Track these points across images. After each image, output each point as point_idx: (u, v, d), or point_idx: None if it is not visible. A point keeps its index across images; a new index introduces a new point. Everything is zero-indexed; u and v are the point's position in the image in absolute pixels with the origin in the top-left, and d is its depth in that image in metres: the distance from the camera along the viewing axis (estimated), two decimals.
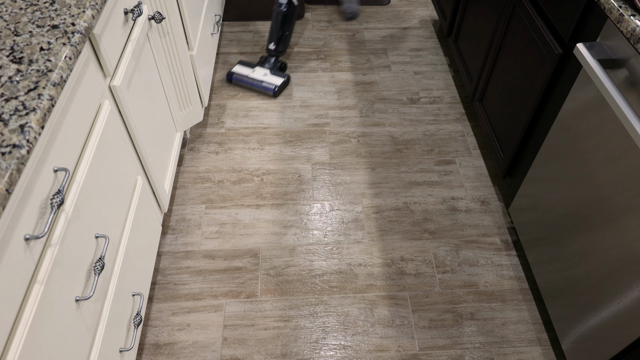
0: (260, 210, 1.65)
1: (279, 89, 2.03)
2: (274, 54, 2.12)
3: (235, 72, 2.08)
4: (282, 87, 2.06)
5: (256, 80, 2.05)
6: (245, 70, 2.09)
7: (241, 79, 2.07)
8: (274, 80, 2.05)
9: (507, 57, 1.52)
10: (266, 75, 2.06)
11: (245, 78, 2.06)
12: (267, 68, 2.09)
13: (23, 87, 0.74)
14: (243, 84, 2.07)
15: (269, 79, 2.05)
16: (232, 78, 2.08)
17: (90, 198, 0.92)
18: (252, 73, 2.07)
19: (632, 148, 0.96)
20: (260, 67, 2.10)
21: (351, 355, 1.32)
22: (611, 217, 1.03)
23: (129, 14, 1.16)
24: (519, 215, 1.47)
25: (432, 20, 2.52)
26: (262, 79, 2.05)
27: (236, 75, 2.08)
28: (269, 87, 2.03)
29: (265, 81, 2.04)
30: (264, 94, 2.05)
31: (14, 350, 0.68)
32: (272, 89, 2.02)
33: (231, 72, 2.08)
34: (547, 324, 1.39)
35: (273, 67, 2.10)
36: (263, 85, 2.03)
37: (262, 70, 2.08)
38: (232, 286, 1.45)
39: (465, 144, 1.89)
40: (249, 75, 2.06)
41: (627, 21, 0.93)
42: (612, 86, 0.94)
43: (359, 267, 1.51)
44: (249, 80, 2.05)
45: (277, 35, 2.10)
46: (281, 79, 2.06)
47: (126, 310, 1.10)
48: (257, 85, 2.04)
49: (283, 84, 2.05)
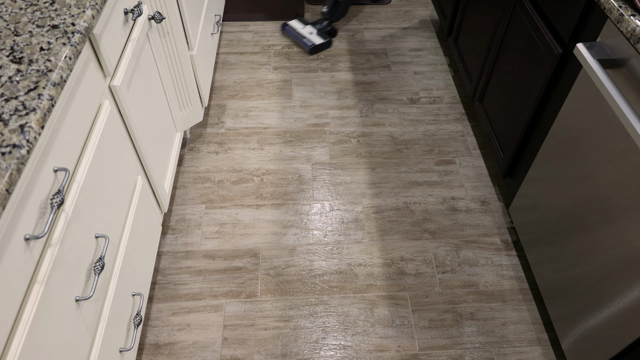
0: (260, 210, 1.65)
1: (315, 48, 2.21)
2: (327, 17, 2.29)
3: (289, 24, 2.33)
4: (320, 48, 2.23)
5: (300, 35, 2.26)
6: (298, 25, 2.32)
7: (290, 31, 2.31)
8: (315, 39, 2.23)
9: (507, 57, 1.52)
10: (312, 34, 2.26)
11: (294, 31, 2.30)
12: (317, 28, 2.28)
13: (23, 87, 0.74)
14: (290, 35, 2.31)
15: (312, 37, 2.24)
16: (284, 28, 2.33)
17: (90, 198, 0.92)
18: (302, 29, 2.29)
19: (632, 148, 0.96)
20: (312, 26, 2.31)
21: (351, 355, 1.32)
22: (611, 217, 1.03)
23: (129, 14, 1.16)
24: (519, 215, 1.47)
25: (432, 20, 2.52)
26: (305, 35, 2.25)
27: (288, 28, 2.32)
28: (307, 43, 2.22)
29: (307, 38, 2.24)
30: (302, 48, 2.27)
31: (14, 350, 0.68)
32: (309, 45, 2.21)
33: (286, 23, 2.33)
34: (547, 324, 1.39)
35: (322, 29, 2.28)
36: (303, 41, 2.23)
37: (310, 29, 2.29)
38: (232, 286, 1.45)
39: (465, 144, 1.89)
40: (297, 29, 2.29)
41: (627, 21, 0.93)
42: (612, 86, 0.94)
43: (359, 267, 1.51)
44: (295, 34, 2.28)
45: (332, 1, 2.27)
46: (322, 40, 2.23)
47: (126, 310, 1.10)
48: (299, 39, 2.25)
49: (322, 45, 2.22)
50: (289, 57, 2.26)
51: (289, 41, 2.34)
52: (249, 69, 2.19)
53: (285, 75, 2.16)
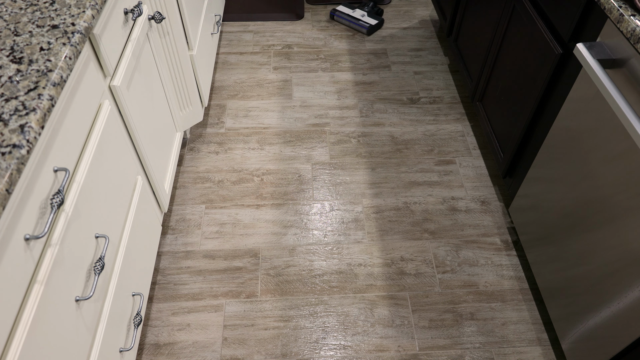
0: (260, 210, 1.65)
1: (372, 28, 2.32)
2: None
3: (338, 10, 2.40)
4: (376, 28, 2.35)
5: (354, 19, 2.34)
6: (347, 9, 2.39)
7: (342, 16, 2.38)
8: (369, 20, 2.33)
9: (507, 57, 1.52)
10: (364, 16, 2.35)
11: (346, 16, 2.37)
12: (366, 10, 2.39)
13: (23, 87, 0.74)
14: (343, 20, 2.38)
15: (366, 19, 2.34)
16: (334, 15, 2.39)
17: (90, 198, 0.92)
18: (353, 13, 2.37)
19: (632, 148, 0.96)
20: (360, 9, 2.40)
21: (351, 355, 1.32)
22: (611, 217, 1.03)
23: (129, 14, 1.16)
24: (519, 215, 1.47)
25: (432, 20, 2.52)
26: (359, 18, 2.34)
27: (339, 13, 2.38)
28: (365, 25, 2.31)
29: (361, 20, 2.33)
30: (358, 31, 2.36)
31: (14, 350, 0.68)
32: (367, 26, 2.31)
33: (335, 10, 2.40)
34: (547, 324, 1.39)
35: (371, 10, 2.39)
36: (359, 23, 2.33)
37: (360, 12, 2.38)
38: (232, 286, 1.45)
39: (465, 144, 1.89)
40: (349, 14, 2.37)
41: (627, 21, 0.93)
42: (612, 86, 0.94)
43: (359, 267, 1.51)
44: (349, 18, 2.36)
45: None
46: (376, 21, 2.33)
47: (126, 310, 1.10)
48: (354, 22, 2.34)
49: (377, 25, 2.33)
50: (289, 57, 2.26)
51: (289, 41, 2.35)
52: (249, 69, 2.19)
53: (285, 75, 2.16)
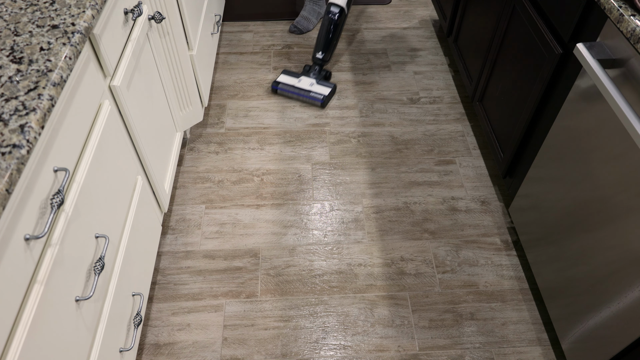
0: (260, 210, 1.65)
1: (326, 99, 1.99)
2: (320, 63, 2.06)
3: (281, 81, 2.04)
4: (330, 97, 2.02)
5: (303, 90, 2.01)
6: (291, 79, 2.05)
7: (287, 89, 2.02)
8: (321, 90, 2.01)
9: (507, 57, 1.52)
10: (313, 85, 2.02)
11: (292, 88, 2.02)
12: (313, 77, 2.06)
13: (23, 87, 0.74)
14: (289, 94, 2.02)
15: (316, 89, 2.01)
16: (277, 88, 2.03)
17: (90, 198, 0.92)
18: (299, 83, 2.03)
19: (632, 148, 0.96)
20: (306, 76, 2.07)
21: (351, 355, 1.32)
22: (611, 217, 1.03)
23: (129, 14, 1.16)
24: (519, 215, 1.47)
25: (432, 20, 2.52)
26: (309, 89, 2.01)
27: (282, 85, 2.03)
28: (317, 97, 1.99)
29: (312, 91, 2.00)
30: (311, 104, 2.02)
31: (14, 350, 0.68)
32: (320, 99, 1.98)
33: (277, 82, 2.04)
34: (547, 324, 1.39)
35: (318, 76, 2.07)
36: (311, 96, 1.99)
37: (308, 80, 2.04)
38: (232, 286, 1.45)
39: (465, 144, 1.89)
40: (295, 85, 2.02)
41: (627, 21, 0.93)
42: (612, 86, 0.94)
43: (359, 267, 1.51)
44: (296, 91, 2.01)
45: (326, 44, 2.04)
46: (328, 89, 2.02)
47: (126, 310, 1.10)
48: (304, 95, 2.00)
49: (330, 93, 2.01)
50: (289, 57, 2.26)
51: (289, 41, 2.34)
52: (249, 69, 2.19)
53: None
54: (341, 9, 2.00)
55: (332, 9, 2.01)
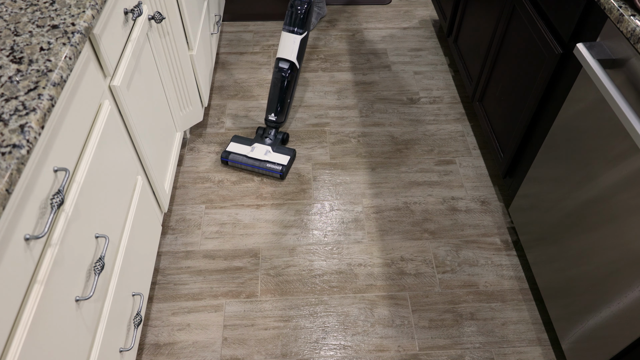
0: (260, 210, 1.65)
1: (285, 169, 1.72)
2: (274, 125, 1.81)
3: (231, 151, 1.75)
4: (289, 166, 1.75)
5: (257, 161, 1.73)
6: (243, 148, 1.76)
7: (239, 161, 1.74)
8: (278, 159, 1.73)
9: (507, 57, 1.52)
10: (268, 154, 1.74)
11: (244, 159, 1.74)
12: (268, 144, 1.78)
13: (23, 87, 0.74)
14: (242, 165, 1.74)
15: (273, 158, 1.73)
16: (227, 160, 1.75)
17: (90, 198, 0.92)
18: (252, 152, 1.74)
19: (632, 148, 0.96)
20: (260, 143, 1.78)
21: (351, 355, 1.32)
22: (611, 217, 1.03)
23: (129, 14, 1.16)
24: (519, 215, 1.47)
25: (432, 20, 2.52)
26: (264, 159, 1.73)
27: (233, 156, 1.74)
28: (275, 169, 1.71)
29: (269, 161, 1.72)
30: (269, 176, 1.75)
31: (14, 350, 0.68)
32: (279, 170, 1.71)
33: (227, 152, 1.75)
34: (547, 324, 1.39)
35: (274, 141, 1.80)
36: (267, 167, 1.72)
37: (262, 148, 1.75)
38: (232, 286, 1.45)
39: (465, 144, 1.89)
40: (247, 154, 1.74)
41: (627, 21, 0.93)
42: (612, 86, 0.94)
43: (359, 267, 1.51)
44: (250, 162, 1.73)
45: (278, 104, 1.79)
46: (287, 157, 1.74)
47: (126, 310, 1.10)
48: (258, 167, 1.72)
49: (290, 161, 1.74)
50: None
51: None
52: (249, 69, 2.19)
53: None
54: (291, 64, 1.75)
55: (280, 64, 1.75)
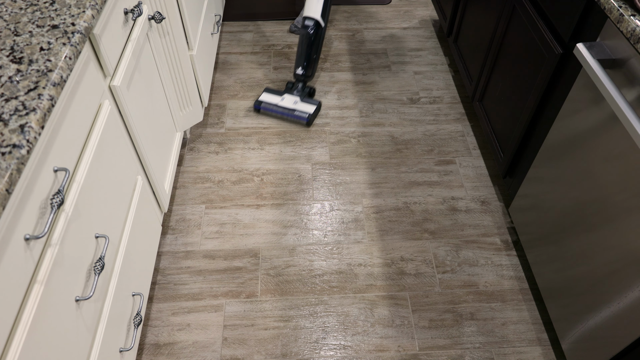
0: (260, 210, 1.65)
1: (311, 117, 1.92)
2: (302, 79, 1.98)
3: (263, 100, 1.97)
4: (315, 115, 1.94)
5: (287, 109, 1.94)
6: (274, 98, 1.98)
7: (270, 109, 1.95)
8: (305, 108, 1.94)
9: (507, 57, 1.52)
10: (297, 103, 1.95)
11: (275, 107, 1.95)
12: (297, 95, 1.98)
13: (23, 87, 0.74)
14: (272, 113, 1.96)
15: (300, 107, 1.94)
16: (260, 107, 1.96)
17: (90, 198, 0.92)
18: (282, 101, 1.96)
19: (632, 148, 0.96)
20: (289, 94, 1.99)
21: (351, 355, 1.32)
22: (611, 217, 1.03)
23: (129, 14, 1.16)
24: (519, 215, 1.47)
25: (432, 20, 2.52)
26: (293, 108, 1.94)
27: (264, 105, 1.96)
28: (302, 116, 1.92)
29: (297, 110, 1.93)
30: (296, 123, 1.95)
31: (14, 350, 0.68)
32: (305, 117, 1.91)
33: (259, 101, 1.97)
34: (547, 324, 1.39)
35: (302, 93, 1.99)
36: (295, 115, 1.92)
37: (291, 98, 1.97)
38: (232, 286, 1.45)
39: (465, 144, 1.89)
40: (278, 103, 1.95)
41: (627, 21, 0.93)
42: (612, 86, 0.94)
43: (359, 267, 1.51)
44: (279, 110, 1.94)
45: (305, 59, 1.95)
46: (313, 106, 1.94)
47: (126, 310, 1.10)
48: (288, 114, 1.93)
49: (315, 111, 1.94)
50: (288, 57, 2.26)
51: (289, 41, 2.34)
52: (249, 69, 2.19)
53: (285, 75, 2.16)
54: (316, 22, 1.90)
55: (306, 22, 1.91)
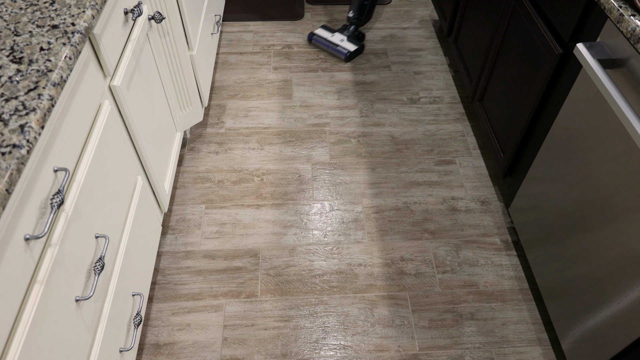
0: (260, 210, 1.65)
1: (351, 55, 2.18)
2: (354, 22, 2.23)
3: (316, 33, 2.27)
4: (355, 54, 2.20)
5: (332, 44, 2.22)
6: (326, 33, 2.27)
7: (319, 41, 2.25)
8: (348, 46, 2.20)
9: (507, 57, 1.52)
10: (343, 41, 2.22)
11: (324, 40, 2.24)
12: (345, 35, 2.25)
13: (23, 87, 0.74)
14: (320, 44, 2.25)
15: (344, 44, 2.20)
16: (312, 38, 2.27)
17: (90, 198, 0.92)
18: (331, 37, 2.24)
19: (632, 148, 0.96)
20: (340, 33, 2.27)
21: (351, 355, 1.32)
22: (611, 217, 1.03)
23: (129, 14, 1.16)
24: (519, 215, 1.47)
25: (432, 20, 2.52)
26: (337, 43, 2.21)
27: (316, 37, 2.26)
28: (342, 51, 2.18)
29: (340, 45, 2.20)
30: (336, 57, 2.23)
31: (14, 350, 0.68)
32: (345, 53, 2.18)
33: (312, 33, 2.27)
34: (547, 324, 1.39)
35: (351, 34, 2.25)
36: (337, 49, 2.19)
37: (340, 36, 2.25)
38: (232, 286, 1.45)
39: (465, 144, 1.89)
40: (327, 38, 2.24)
41: (627, 21, 0.93)
42: (612, 86, 0.94)
43: (359, 267, 1.51)
44: (326, 43, 2.23)
45: (358, 5, 2.20)
46: (355, 46, 2.20)
47: (126, 310, 1.10)
48: (332, 47, 2.21)
49: (356, 51, 2.19)
50: (289, 57, 2.26)
51: (289, 41, 2.34)
52: (249, 69, 2.19)
53: (285, 75, 2.16)
54: None
55: None
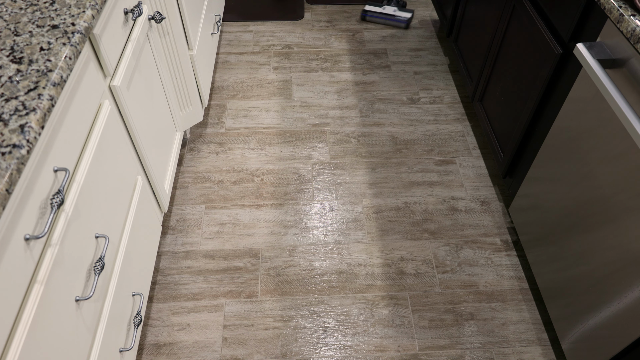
0: (260, 210, 1.65)
1: (409, 21, 2.44)
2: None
3: (368, 10, 2.46)
4: (411, 20, 2.47)
5: (389, 15, 2.44)
6: (375, 8, 2.47)
7: (375, 15, 2.45)
8: (404, 15, 2.44)
9: (507, 57, 1.52)
10: (395, 11, 2.45)
11: (379, 14, 2.45)
12: (394, 5, 2.50)
13: (23, 87, 0.74)
14: (376, 19, 2.46)
15: (400, 14, 2.44)
16: (365, 16, 2.46)
17: (90, 198, 0.92)
18: (384, 10, 2.45)
19: (632, 148, 0.96)
20: (387, 5, 2.50)
21: (351, 355, 1.32)
22: (611, 217, 1.03)
23: (129, 14, 1.16)
24: (519, 215, 1.47)
25: (432, 20, 2.52)
26: (393, 14, 2.44)
27: (370, 13, 2.45)
28: (402, 19, 2.42)
29: (397, 15, 2.43)
30: (395, 26, 2.46)
31: (14, 350, 0.68)
32: (405, 20, 2.42)
33: (365, 10, 2.46)
34: (547, 324, 1.39)
35: (398, 4, 2.51)
36: (396, 19, 2.43)
37: (390, 8, 2.47)
38: (232, 286, 1.45)
39: (465, 144, 1.89)
40: (381, 11, 2.45)
41: (627, 21, 0.93)
42: (612, 86, 0.94)
43: (359, 267, 1.51)
44: (383, 16, 2.44)
45: None
46: (409, 14, 2.45)
47: (126, 310, 1.10)
48: (390, 19, 2.43)
49: (411, 18, 2.45)
50: (289, 57, 2.26)
51: (289, 41, 2.34)
52: (249, 69, 2.19)
53: (285, 75, 2.16)
54: None
55: None
